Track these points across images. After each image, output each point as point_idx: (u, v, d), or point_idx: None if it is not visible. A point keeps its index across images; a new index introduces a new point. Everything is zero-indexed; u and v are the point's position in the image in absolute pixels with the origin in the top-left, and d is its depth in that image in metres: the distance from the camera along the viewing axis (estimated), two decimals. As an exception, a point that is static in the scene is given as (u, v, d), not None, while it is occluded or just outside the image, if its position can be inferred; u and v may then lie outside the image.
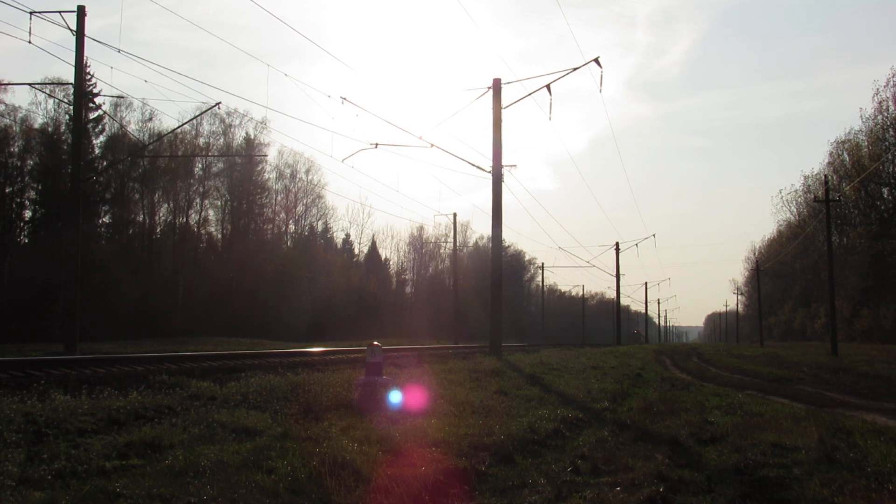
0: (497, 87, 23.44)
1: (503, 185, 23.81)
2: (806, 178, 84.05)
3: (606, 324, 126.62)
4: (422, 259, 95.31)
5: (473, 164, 25.12)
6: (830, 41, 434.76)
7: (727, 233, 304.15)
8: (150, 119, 56.69)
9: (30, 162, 50.03)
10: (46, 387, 10.04)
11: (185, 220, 61.21)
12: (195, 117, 52.40)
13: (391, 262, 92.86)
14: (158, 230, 60.28)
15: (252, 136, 64.82)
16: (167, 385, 10.82)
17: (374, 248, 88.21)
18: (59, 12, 22.49)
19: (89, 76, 42.53)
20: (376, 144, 24.97)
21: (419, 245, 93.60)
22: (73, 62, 23.54)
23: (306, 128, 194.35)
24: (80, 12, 23.03)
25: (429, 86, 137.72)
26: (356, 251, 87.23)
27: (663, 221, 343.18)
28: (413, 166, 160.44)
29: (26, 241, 49.57)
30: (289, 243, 73.66)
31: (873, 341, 59.30)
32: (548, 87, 22.26)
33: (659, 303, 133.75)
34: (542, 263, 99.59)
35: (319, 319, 63.17)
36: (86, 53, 23.65)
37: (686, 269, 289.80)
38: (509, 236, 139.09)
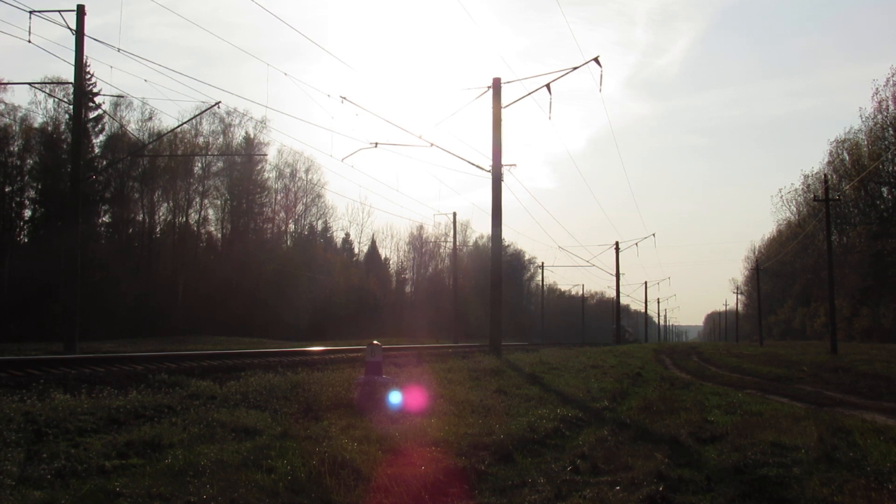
0: (497, 86, 23.43)
1: (503, 184, 23.82)
2: (806, 177, 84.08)
3: (606, 323, 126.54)
4: (422, 258, 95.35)
5: (473, 164, 25.15)
6: (830, 40, 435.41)
7: (727, 232, 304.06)
8: (150, 118, 56.78)
9: (29, 161, 50.08)
10: (46, 386, 10.03)
11: (184, 219, 61.24)
12: (195, 116, 52.38)
13: (391, 262, 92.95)
14: (158, 229, 60.31)
15: (252, 136, 64.89)
16: (167, 384, 10.81)
17: (373, 247, 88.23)
18: (59, 11, 22.44)
19: (89, 75, 42.51)
20: (376, 144, 24.97)
21: (419, 244, 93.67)
22: (72, 61, 23.50)
23: (306, 127, 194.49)
24: (80, 11, 22.98)
25: (429, 85, 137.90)
26: (356, 250, 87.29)
27: (663, 221, 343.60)
28: (413, 165, 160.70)
29: (26, 240, 49.62)
30: (288, 243, 73.68)
31: (873, 340, 59.27)
32: (547, 86, 22.25)
33: (659, 302, 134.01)
34: (542, 263, 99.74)
35: (319, 319, 63.10)
36: (85, 52, 23.61)
37: (686, 268, 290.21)
38: (509, 235, 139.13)
